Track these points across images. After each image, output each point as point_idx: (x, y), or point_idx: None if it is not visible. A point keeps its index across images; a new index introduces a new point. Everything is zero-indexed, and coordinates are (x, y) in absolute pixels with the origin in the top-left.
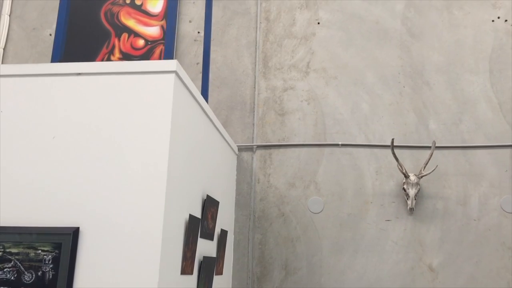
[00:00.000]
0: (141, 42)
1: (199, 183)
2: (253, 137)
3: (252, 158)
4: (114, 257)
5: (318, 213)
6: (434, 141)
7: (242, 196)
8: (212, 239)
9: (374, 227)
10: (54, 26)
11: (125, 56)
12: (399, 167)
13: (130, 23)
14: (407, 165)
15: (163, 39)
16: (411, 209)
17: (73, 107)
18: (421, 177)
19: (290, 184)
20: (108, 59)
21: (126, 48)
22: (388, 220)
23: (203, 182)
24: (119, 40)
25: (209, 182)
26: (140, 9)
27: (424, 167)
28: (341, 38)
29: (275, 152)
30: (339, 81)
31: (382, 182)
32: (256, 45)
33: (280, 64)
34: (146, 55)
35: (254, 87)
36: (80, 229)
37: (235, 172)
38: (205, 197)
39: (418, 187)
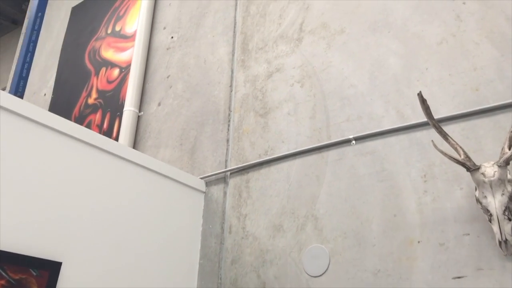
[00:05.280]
0: (115, 72)
1: None
2: (226, 161)
3: (225, 193)
4: None
5: (320, 275)
6: None
7: (208, 259)
8: None
9: None
10: (49, 85)
11: (100, 95)
12: (453, 149)
13: (109, 54)
14: (489, 148)
15: None
16: (505, 244)
17: None
18: (506, 162)
19: (275, 228)
20: (86, 103)
21: (102, 84)
22: (460, 278)
23: None
24: (97, 77)
25: None
26: (119, 35)
27: (509, 142)
28: None
29: (255, 176)
30: (349, 33)
31: (438, 195)
32: (234, 26)
33: (264, 40)
34: (119, 86)
35: (230, 85)
36: None
37: (201, 221)
38: None
39: (509, 189)
